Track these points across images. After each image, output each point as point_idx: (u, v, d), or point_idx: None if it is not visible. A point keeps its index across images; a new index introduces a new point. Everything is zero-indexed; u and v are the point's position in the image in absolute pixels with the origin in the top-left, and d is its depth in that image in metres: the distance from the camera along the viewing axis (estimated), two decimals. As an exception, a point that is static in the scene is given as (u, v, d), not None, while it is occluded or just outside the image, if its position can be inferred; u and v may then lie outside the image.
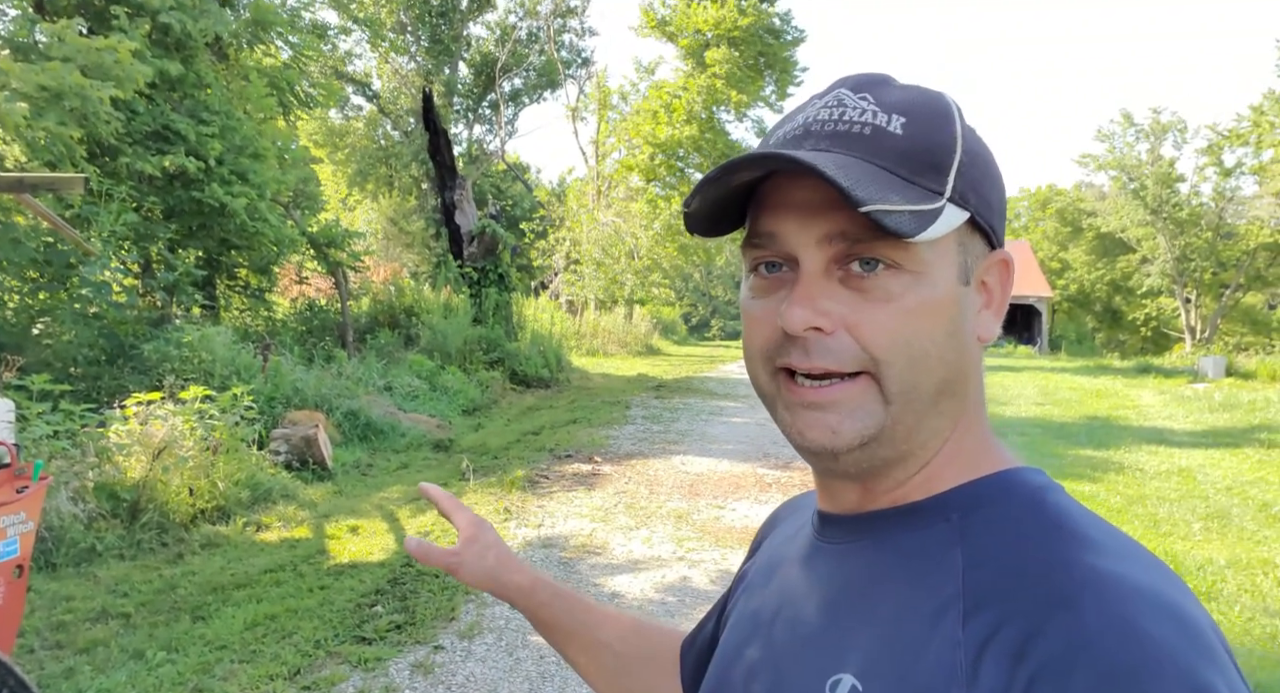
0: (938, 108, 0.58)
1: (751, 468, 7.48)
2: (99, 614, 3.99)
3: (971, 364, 0.59)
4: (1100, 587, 0.47)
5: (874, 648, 0.54)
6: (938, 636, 0.50)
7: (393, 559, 4.89)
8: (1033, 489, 0.57)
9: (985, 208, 0.58)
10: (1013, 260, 0.62)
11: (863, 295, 0.55)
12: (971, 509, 0.57)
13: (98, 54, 7.08)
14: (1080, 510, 0.56)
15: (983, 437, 0.61)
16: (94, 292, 6.97)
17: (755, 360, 0.60)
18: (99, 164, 8.30)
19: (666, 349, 23.66)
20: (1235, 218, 26.27)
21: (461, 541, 0.95)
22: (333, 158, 26.48)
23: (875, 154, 0.55)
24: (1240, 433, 10.10)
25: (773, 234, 0.57)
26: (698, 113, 22.31)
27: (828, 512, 0.65)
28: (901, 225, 0.52)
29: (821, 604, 0.60)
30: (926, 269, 0.55)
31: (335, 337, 11.87)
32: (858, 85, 0.59)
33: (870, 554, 0.59)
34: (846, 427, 0.56)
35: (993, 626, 0.48)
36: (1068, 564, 0.49)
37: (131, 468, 5.21)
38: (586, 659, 0.91)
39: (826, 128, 0.57)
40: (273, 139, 10.96)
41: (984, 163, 0.59)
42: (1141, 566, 0.51)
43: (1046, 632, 0.46)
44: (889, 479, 0.59)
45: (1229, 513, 6.26)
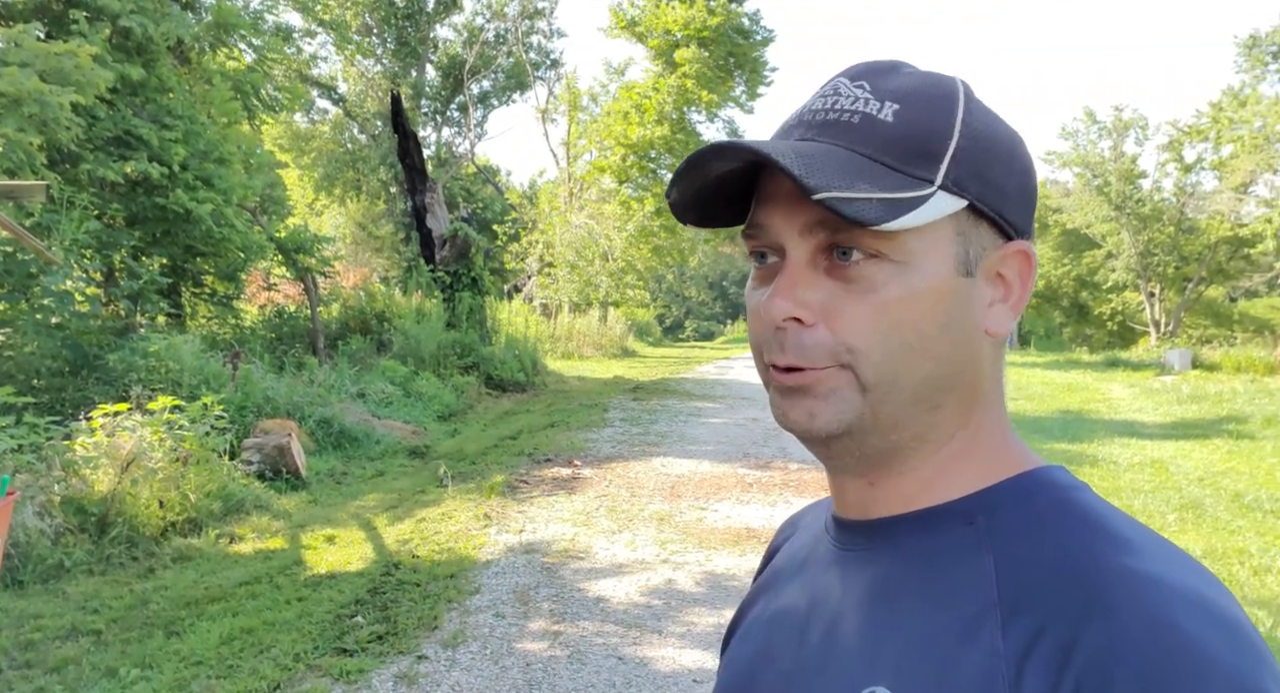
0: (939, 92, 0.56)
1: (732, 468, 7.47)
2: (69, 632, 3.87)
3: (978, 359, 0.57)
4: (1139, 590, 0.46)
5: (907, 658, 0.52)
6: (976, 645, 0.49)
7: (372, 568, 4.81)
8: (1060, 489, 0.56)
9: (993, 195, 0.56)
10: (1034, 252, 0.59)
11: (845, 286, 0.54)
12: (996, 512, 0.55)
13: (57, 59, 6.93)
14: (1111, 510, 0.54)
15: (1001, 436, 0.60)
16: (56, 302, 6.80)
17: (755, 351, 0.60)
18: (60, 171, 8.12)
19: (642, 351, 23.64)
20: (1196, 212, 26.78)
21: None
22: (299, 162, 26.15)
23: (860, 142, 0.54)
24: (1209, 424, 10.28)
25: (762, 225, 0.57)
26: (668, 113, 22.32)
27: (843, 517, 0.63)
28: (863, 213, 0.50)
29: (847, 613, 0.58)
30: (912, 258, 0.54)
31: (306, 343, 11.71)
32: (857, 73, 0.58)
33: (894, 560, 0.57)
34: (822, 410, 0.55)
35: (1033, 633, 0.47)
36: (1104, 567, 0.48)
37: (99, 481, 5.08)
38: None
39: (818, 117, 0.57)
40: (238, 144, 10.79)
41: (995, 148, 0.57)
42: (1178, 566, 0.49)
43: (1085, 639, 0.45)
44: (892, 474, 0.58)
45: (1202, 503, 6.36)
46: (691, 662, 3.62)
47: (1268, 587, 4.54)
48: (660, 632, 3.93)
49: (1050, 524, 0.53)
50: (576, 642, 3.81)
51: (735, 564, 4.90)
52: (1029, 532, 0.53)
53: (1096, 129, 28.12)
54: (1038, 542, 0.52)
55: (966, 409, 0.58)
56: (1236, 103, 23.51)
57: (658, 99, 22.33)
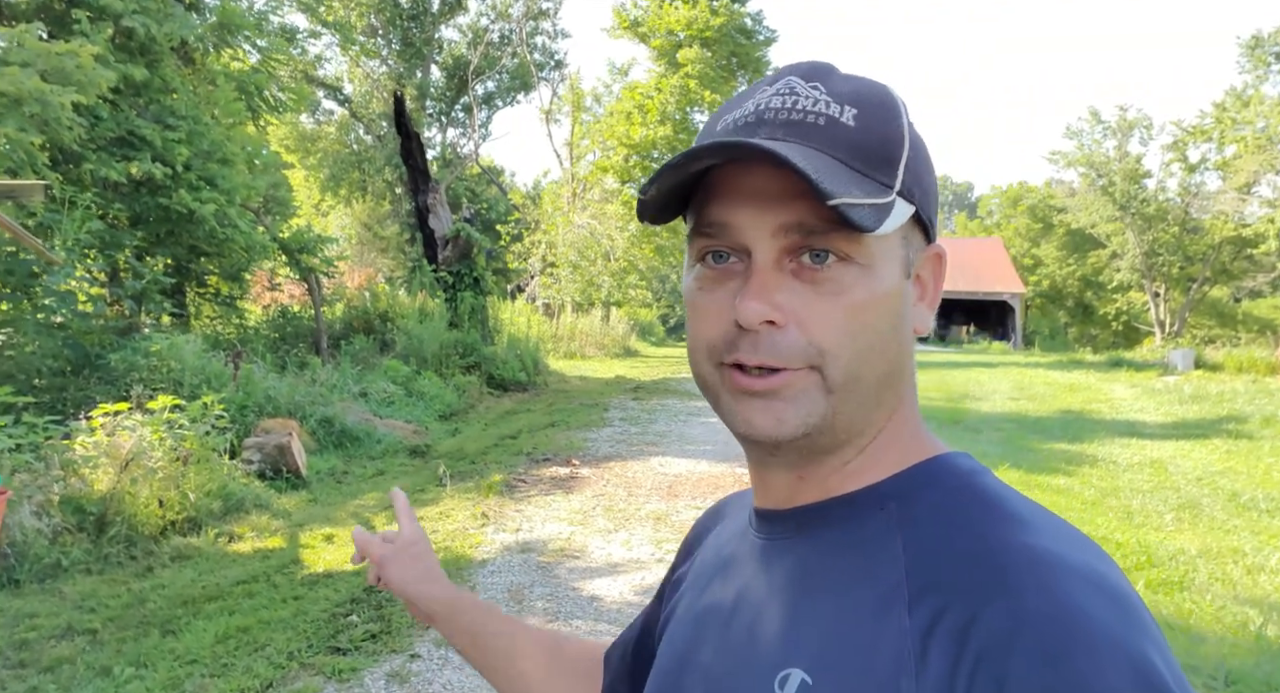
0: (885, 100, 0.58)
1: (730, 468, 7.48)
2: (65, 631, 3.90)
3: (909, 356, 0.60)
4: (1035, 566, 0.48)
5: (822, 640, 0.54)
6: (886, 624, 0.51)
7: (368, 568, 4.83)
8: (964, 473, 0.58)
9: (926, 202, 0.59)
10: (946, 254, 0.63)
11: (814, 288, 0.55)
12: (907, 497, 0.57)
13: (58, 59, 6.96)
14: (1010, 492, 0.57)
15: (914, 426, 0.62)
16: (58, 301, 6.84)
17: (700, 352, 0.59)
18: (62, 171, 8.15)
19: (644, 351, 23.65)
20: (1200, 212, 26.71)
21: (400, 543, 0.97)
22: (304, 163, 26.24)
23: (830, 145, 0.55)
24: (1209, 424, 10.26)
25: (725, 224, 0.56)
26: (671, 113, 22.33)
27: (763, 507, 0.64)
28: (864, 219, 0.52)
29: (766, 600, 0.60)
30: (874, 262, 0.55)
31: (309, 343, 11.74)
32: (808, 73, 0.58)
33: (811, 547, 0.59)
34: (790, 415, 0.55)
35: (937, 611, 0.49)
36: (1005, 546, 0.50)
37: (98, 480, 5.11)
38: (505, 672, 0.91)
39: (780, 116, 0.56)
40: (242, 144, 10.82)
41: (925, 156, 0.59)
42: (1073, 543, 0.52)
43: (986, 614, 0.47)
44: (824, 467, 0.60)
45: (1200, 503, 6.35)
46: (683, 661, 3.63)
47: (1260, 586, 4.54)
48: (653, 631, 3.94)
49: (954, 507, 0.55)
50: (569, 641, 3.82)
51: (730, 564, 4.91)
52: (935, 515, 0.55)
53: (1101, 129, 28.07)
54: (942, 524, 0.54)
55: (895, 402, 0.60)
56: (1240, 103, 23.44)
57: (660, 99, 22.35)
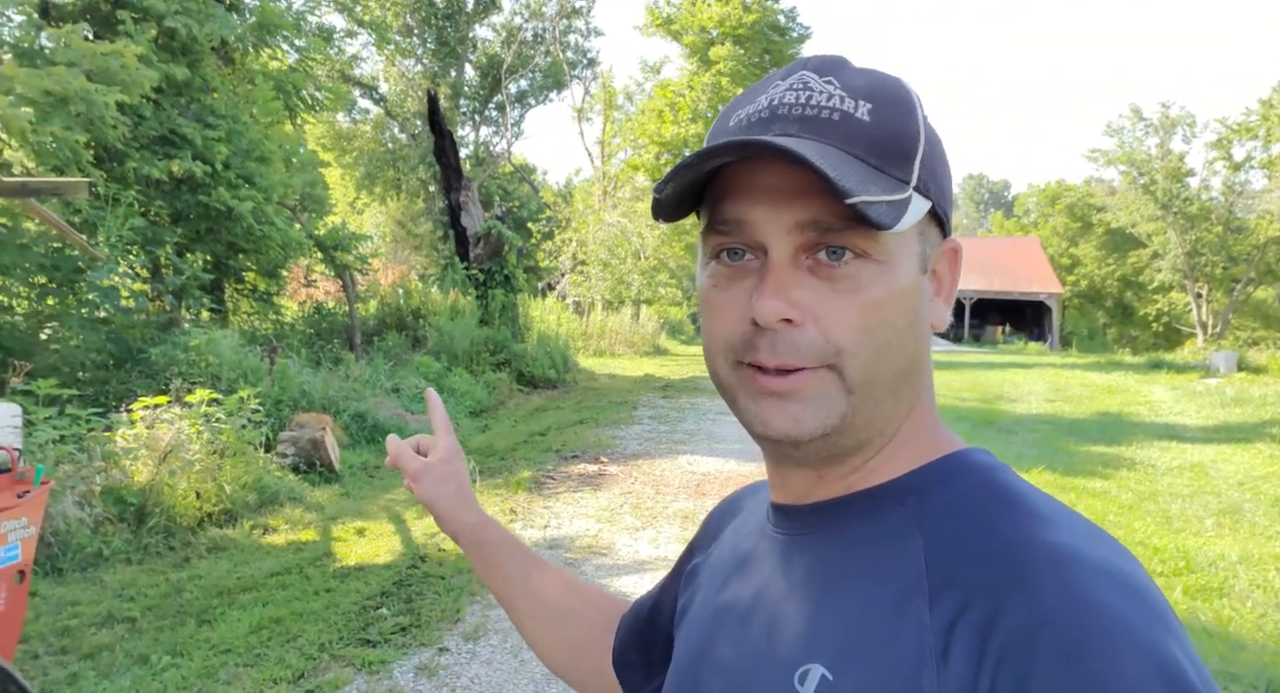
0: (900, 95, 0.57)
1: (758, 467, 7.44)
2: (105, 619, 3.99)
3: (926, 352, 0.60)
4: (1057, 562, 0.48)
5: (842, 636, 0.54)
6: (906, 620, 0.51)
7: (399, 562, 4.89)
8: (983, 469, 0.58)
9: (942, 197, 0.58)
10: (961, 248, 0.62)
11: (831, 285, 0.54)
12: (926, 493, 0.57)
13: (103, 59, 7.11)
14: (1029, 488, 0.56)
15: (932, 422, 0.62)
16: (101, 296, 7.00)
17: (717, 352, 0.59)
18: (105, 169, 8.33)
19: (674, 349, 23.62)
20: (1245, 212, 26.07)
21: (435, 458, 0.97)
22: (340, 161, 26.57)
23: (846, 141, 0.54)
24: (1252, 428, 10.01)
25: (740, 221, 0.56)
26: (703, 111, 22.28)
27: (781, 503, 0.64)
28: (882, 217, 0.51)
29: (785, 596, 0.60)
30: (891, 259, 0.55)
31: (343, 339, 11.90)
32: (821, 68, 0.58)
33: (830, 543, 0.59)
34: (809, 415, 0.55)
35: (958, 607, 0.49)
36: (1025, 542, 0.50)
37: (138, 472, 5.23)
38: (523, 605, 0.93)
39: (794, 111, 0.56)
40: (279, 143, 10.98)
41: (940, 151, 0.59)
42: (1094, 539, 0.51)
43: (1008, 610, 0.47)
44: (844, 466, 0.59)
45: (1241, 508, 6.20)
46: (709, 660, 3.63)
47: (1306, 597, 4.42)
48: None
49: (974, 503, 0.55)
50: (596, 638, 3.83)
51: (758, 564, 4.89)
52: (954, 511, 0.55)
53: (1143, 126, 27.49)
54: (962, 520, 0.54)
55: (914, 399, 0.60)
56: (1290, 99, 22.82)
57: (692, 97, 22.30)
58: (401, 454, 0.96)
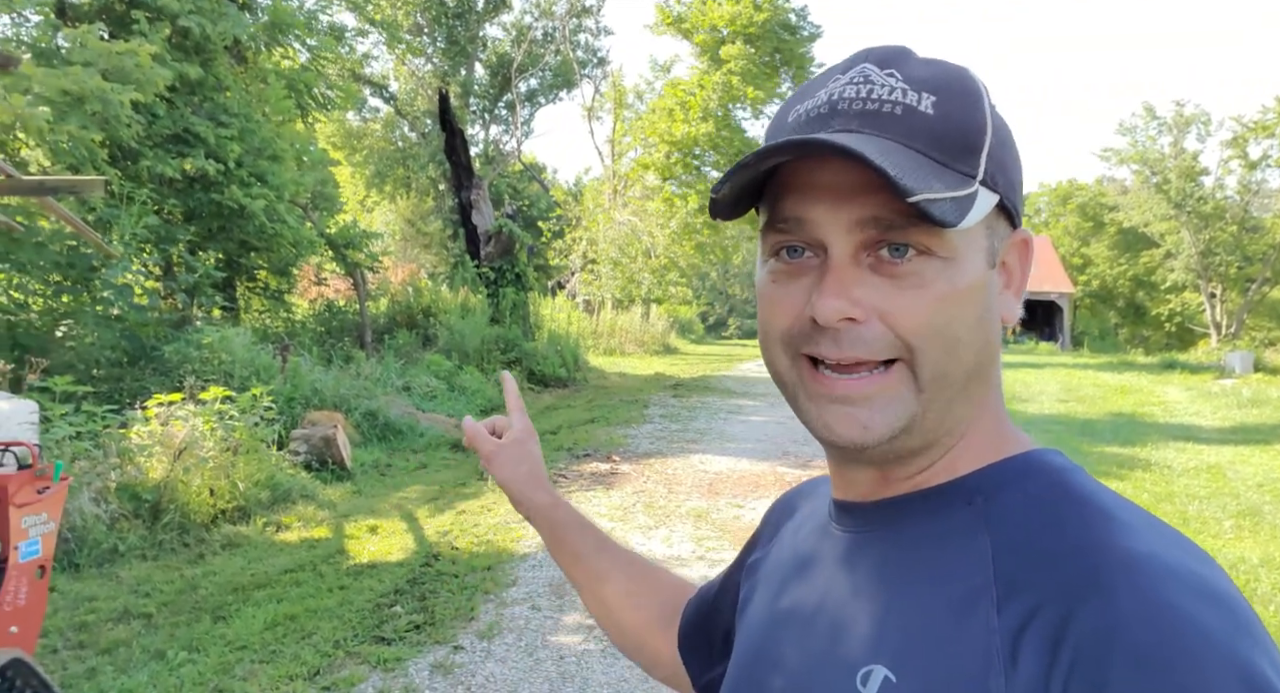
0: (966, 86, 0.56)
1: (771, 467, 7.43)
2: (121, 614, 4.00)
3: (996, 348, 0.58)
4: (1132, 568, 0.46)
5: (905, 637, 0.52)
6: (972, 623, 0.50)
7: (412, 559, 4.89)
8: (1055, 470, 0.56)
9: (1010, 189, 0.57)
10: (1032, 239, 0.61)
11: (894, 282, 0.53)
12: (994, 493, 0.55)
13: (119, 58, 7.14)
14: (1105, 491, 0.54)
15: (1000, 419, 0.60)
16: (116, 294, 7.03)
17: (775, 347, 0.58)
18: (120, 167, 8.38)
19: (684, 348, 23.62)
20: (1261, 211, 25.88)
21: (509, 439, 0.99)
22: (350, 159, 26.62)
23: (908, 135, 0.53)
24: (1270, 429, 9.92)
25: (800, 219, 0.55)
26: (713, 110, 22.23)
27: (844, 500, 0.63)
28: (946, 214, 0.50)
29: (848, 596, 0.59)
30: (957, 254, 0.54)
31: (354, 337, 11.93)
32: (883, 60, 0.56)
33: (894, 542, 0.58)
34: (878, 421, 0.54)
35: (1028, 612, 0.47)
36: (1098, 546, 0.48)
37: (153, 469, 5.24)
38: (591, 585, 0.94)
39: (854, 106, 0.54)
40: (291, 141, 11.02)
41: (1009, 141, 0.57)
42: (1173, 545, 0.49)
43: (1081, 616, 0.45)
44: (911, 466, 0.58)
45: (1261, 510, 6.14)
46: (725, 660, 3.61)
47: (1327, 599, 4.37)
48: (694, 629, 3.92)
49: (1045, 505, 0.53)
50: (610, 637, 3.82)
51: (772, 563, 4.87)
52: (1025, 512, 0.53)
53: (1156, 125, 27.31)
54: (1033, 522, 0.52)
55: (983, 396, 0.58)
56: (1306, 97, 22.61)
57: (703, 96, 22.26)
58: (477, 436, 0.98)
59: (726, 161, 22.94)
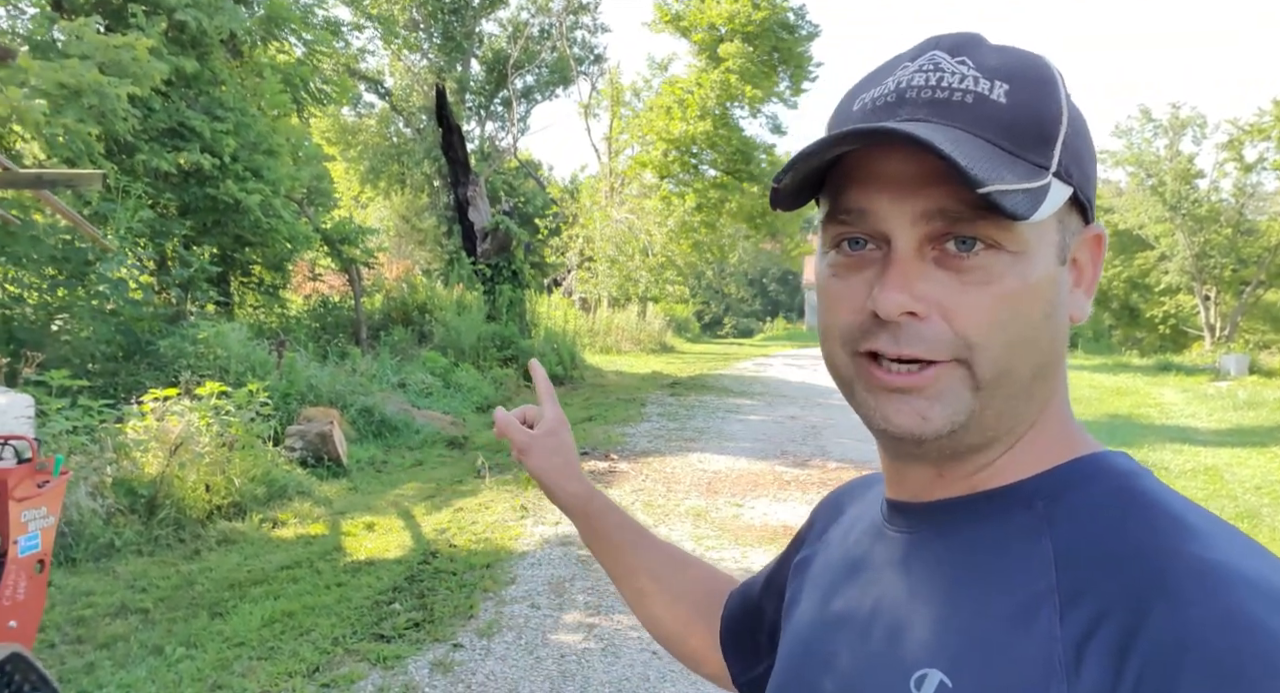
0: (1042, 74, 0.54)
1: (770, 466, 7.42)
2: (118, 610, 3.98)
3: (1063, 346, 0.56)
4: (1203, 576, 0.45)
5: (962, 642, 0.51)
6: (1033, 630, 0.48)
7: (410, 556, 4.87)
8: (1121, 474, 0.54)
9: (1085, 182, 0.55)
10: (1105, 235, 0.58)
11: (959, 277, 0.51)
12: (1057, 496, 0.53)
13: (115, 51, 7.09)
14: (1174, 496, 0.52)
15: (1065, 420, 0.58)
16: (111, 288, 6.98)
17: (834, 342, 0.56)
18: (116, 161, 8.31)
19: (680, 347, 23.59)
20: (1256, 214, 25.95)
21: (542, 430, 0.96)
22: (345, 155, 26.53)
23: (979, 125, 0.51)
24: (1267, 432, 9.96)
25: (863, 210, 0.53)
26: (711, 108, 22.20)
27: (898, 500, 0.61)
28: (1018, 206, 0.48)
29: (902, 598, 0.57)
30: (1027, 249, 0.52)
31: (349, 333, 11.88)
32: (954, 47, 0.54)
33: (951, 544, 0.56)
34: (936, 413, 0.52)
35: (1093, 620, 0.46)
36: (1167, 553, 0.47)
37: (149, 464, 5.21)
38: (628, 577, 0.93)
39: (924, 95, 0.53)
40: (286, 136, 10.96)
41: (1084, 133, 0.55)
42: (1246, 552, 0.47)
43: (1150, 626, 0.44)
44: (970, 464, 0.56)
45: (1259, 512, 6.16)
46: (726, 659, 3.60)
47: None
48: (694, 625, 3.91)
49: (1111, 509, 0.51)
50: (611, 635, 3.81)
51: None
52: (1089, 516, 0.51)
53: (1152, 127, 27.38)
54: (1097, 527, 0.51)
55: (1048, 395, 0.56)
56: (1301, 100, 22.71)
57: (700, 94, 22.23)
58: (509, 426, 0.96)
59: (724, 160, 22.95)
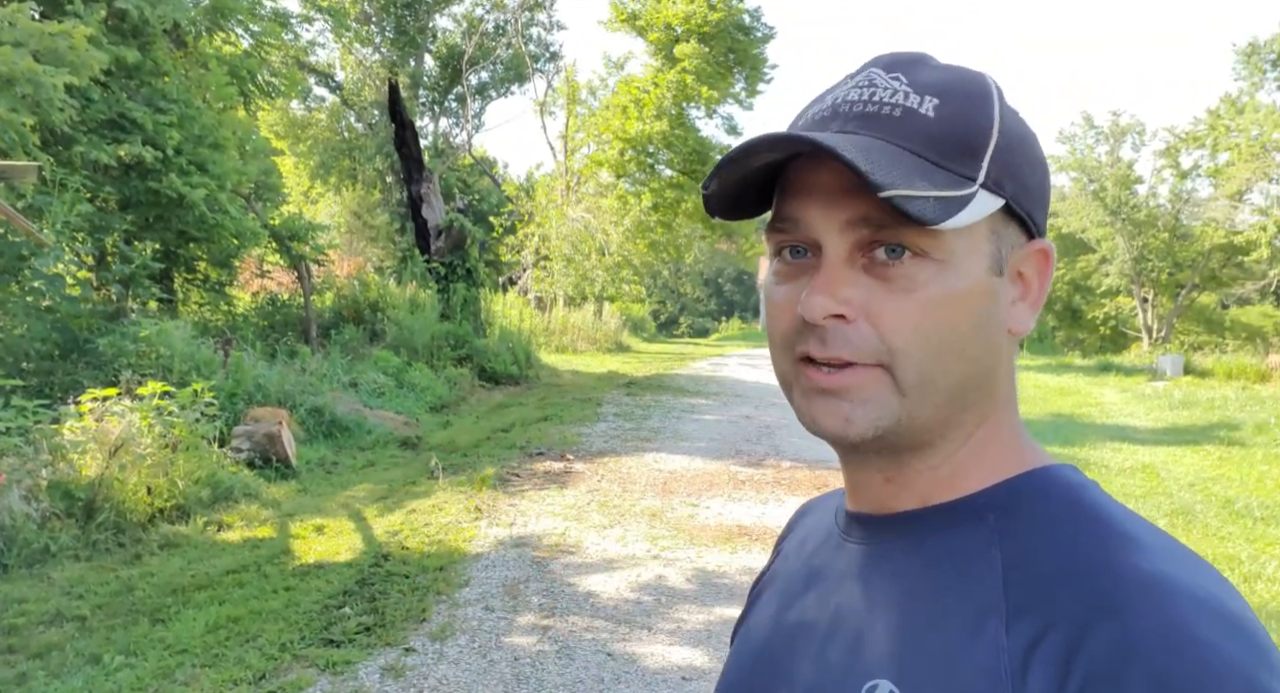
0: (976, 89, 0.56)
1: (725, 466, 7.45)
2: (53, 617, 3.83)
3: (1001, 358, 0.57)
4: (1149, 590, 0.46)
5: (912, 653, 0.52)
6: (980, 641, 0.49)
7: (360, 559, 4.78)
8: (1070, 487, 0.56)
9: (1023, 195, 0.56)
10: (1053, 250, 0.60)
11: (886, 284, 0.53)
12: (1009, 510, 0.55)
13: (51, 39, 6.84)
14: (1121, 510, 0.54)
15: (1014, 433, 0.59)
16: (47, 284, 6.74)
17: (777, 347, 0.58)
18: (52, 153, 8.02)
19: (637, 346, 23.59)
20: (1191, 219, 26.86)
21: None
22: (294, 149, 26.00)
23: (903, 137, 0.53)
24: (1200, 430, 10.31)
25: (796, 219, 0.55)
26: (667, 109, 22.22)
27: (856, 511, 0.62)
28: (925, 212, 0.50)
29: (855, 608, 0.58)
30: (953, 258, 0.53)
31: (298, 332, 11.64)
32: (891, 65, 0.57)
33: (905, 556, 0.57)
34: (859, 415, 0.54)
35: (1038, 632, 0.47)
36: (1112, 566, 0.48)
37: (87, 466, 5.04)
38: None
39: (855, 109, 0.55)
40: (233, 129, 10.69)
41: (1025, 147, 0.57)
42: (1190, 567, 0.49)
43: (1094, 639, 0.45)
44: (909, 470, 0.57)
45: (1193, 509, 6.37)
46: (680, 659, 3.61)
47: (1257, 593, 4.55)
48: (649, 628, 3.91)
49: (1060, 522, 0.53)
50: (565, 637, 3.79)
51: (726, 562, 4.88)
52: (1039, 529, 0.53)
53: (1094, 134, 28.17)
54: (1047, 540, 0.52)
55: (987, 407, 0.58)
56: (1234, 110, 23.57)
57: (657, 94, 22.24)
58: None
59: (681, 160, 22.99)
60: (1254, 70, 22.93)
